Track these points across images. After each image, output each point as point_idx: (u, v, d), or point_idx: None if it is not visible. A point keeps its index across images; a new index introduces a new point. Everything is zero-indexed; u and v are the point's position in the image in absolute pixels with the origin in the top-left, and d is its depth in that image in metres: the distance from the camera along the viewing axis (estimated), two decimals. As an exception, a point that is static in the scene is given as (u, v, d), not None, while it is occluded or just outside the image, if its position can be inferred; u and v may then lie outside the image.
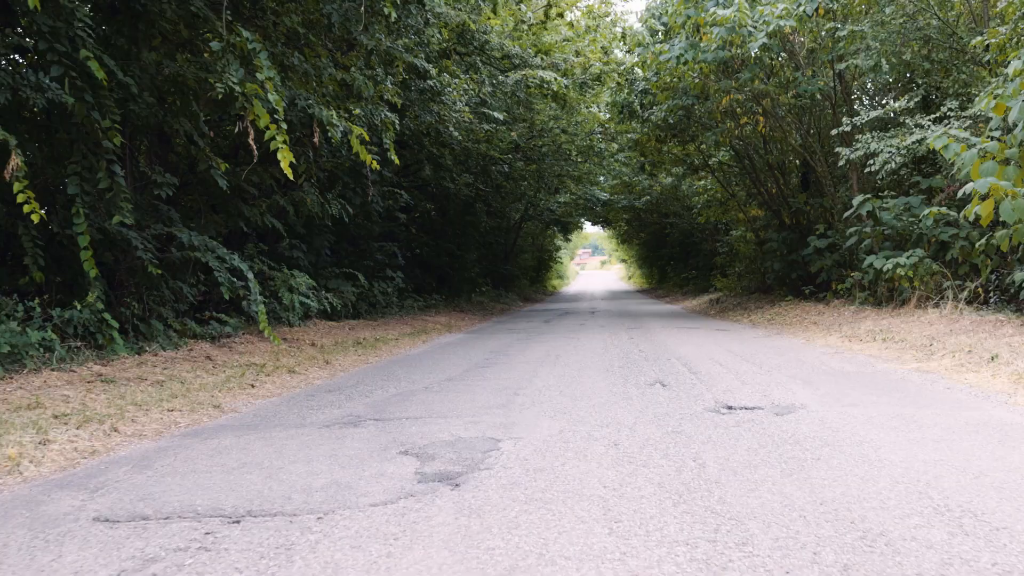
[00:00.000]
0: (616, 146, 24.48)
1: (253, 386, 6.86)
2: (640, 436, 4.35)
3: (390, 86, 10.00)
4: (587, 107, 20.82)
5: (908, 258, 10.28)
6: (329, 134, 8.28)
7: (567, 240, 59.04)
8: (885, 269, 10.40)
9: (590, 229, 71.76)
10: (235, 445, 4.44)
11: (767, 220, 20.57)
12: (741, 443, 4.14)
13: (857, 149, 10.74)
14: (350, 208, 11.66)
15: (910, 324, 9.77)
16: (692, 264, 35.64)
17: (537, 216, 36.86)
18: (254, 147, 6.90)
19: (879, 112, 10.71)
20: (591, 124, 21.45)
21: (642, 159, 24.34)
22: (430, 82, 11.54)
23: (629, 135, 20.98)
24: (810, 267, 14.92)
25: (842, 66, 11.33)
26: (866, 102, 13.85)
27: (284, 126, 6.48)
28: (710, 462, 3.75)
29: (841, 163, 11.18)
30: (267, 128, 6.70)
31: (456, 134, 12.98)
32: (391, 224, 17.65)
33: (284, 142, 6.65)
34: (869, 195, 11.34)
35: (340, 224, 14.80)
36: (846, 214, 11.76)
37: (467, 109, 12.38)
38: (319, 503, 3.19)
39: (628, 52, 16.95)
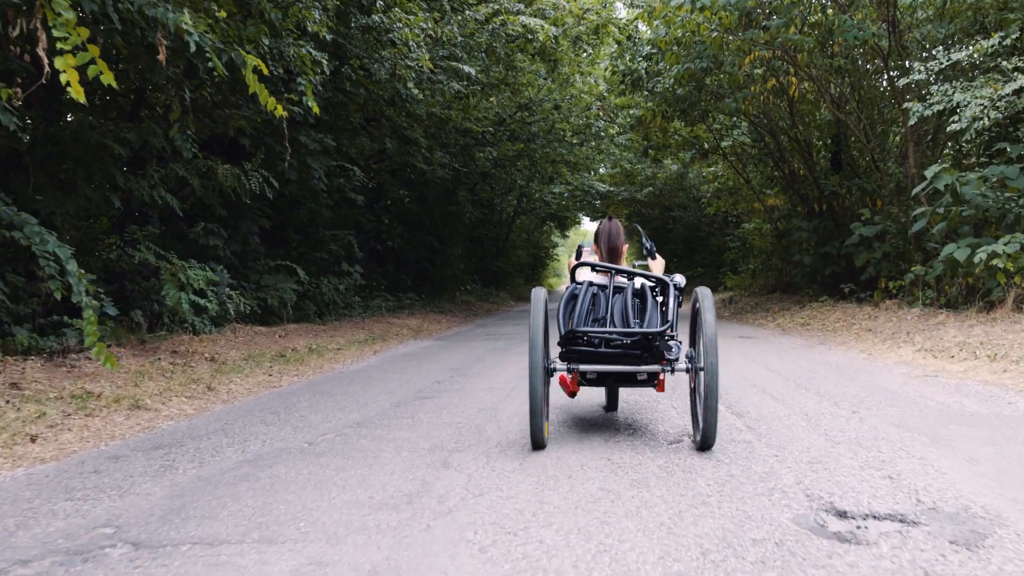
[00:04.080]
0: (616, 128, 21.83)
1: (34, 439, 4.27)
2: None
3: (317, 15, 7.40)
4: (583, 76, 18.12)
5: (1007, 245, 7.69)
6: (211, 62, 5.68)
7: (564, 236, 56.48)
8: (977, 260, 7.79)
9: (589, 225, 69.31)
10: None
11: (790, 208, 17.99)
12: None
13: (934, 103, 8.15)
14: (275, 182, 9.02)
15: (1021, 335, 7.18)
16: (698, 261, 33.09)
17: (531, 209, 34.30)
18: (45, 60, 4.32)
19: (962, 55, 8.12)
20: (587, 99, 18.73)
21: (645, 142, 21.74)
22: (375, 17, 8.88)
23: (631, 110, 18.35)
24: (854, 260, 12.29)
25: (906, 0, 8.73)
26: (930, 54, 11.28)
27: (72, 20, 3.88)
28: None
29: (911, 122, 8.61)
30: (69, 35, 4.10)
31: (416, 91, 10.36)
32: (353, 210, 15.04)
33: (85, 59, 4.06)
34: (947, 165, 8.74)
35: (282, 206, 12.20)
36: (915, 190, 9.15)
37: (426, 56, 9.75)
38: None
39: (631, 5, 14.31)
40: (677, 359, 3.81)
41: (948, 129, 8.14)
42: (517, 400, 5.40)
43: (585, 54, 16.28)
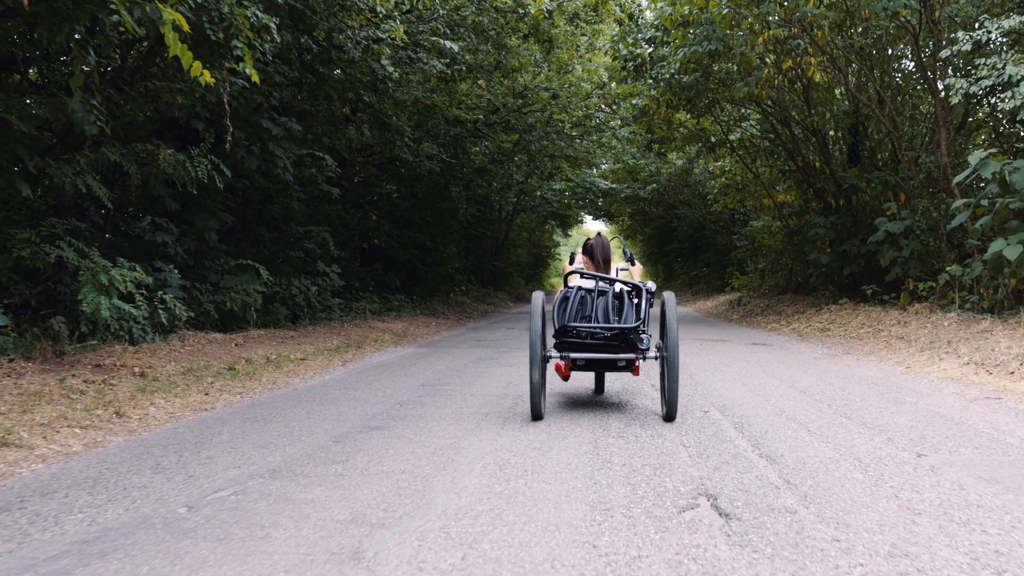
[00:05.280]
0: (618, 120, 20.69)
1: None
2: None
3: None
4: (581, 61, 16.95)
5: (1071, 241, 6.57)
6: (116, 15, 4.60)
7: (567, 236, 55.37)
8: (1034, 259, 6.67)
9: (591, 225, 68.32)
10: None
11: (803, 204, 16.86)
12: None
13: (982, 78, 7.04)
14: (227, 170, 7.91)
15: (1098, 347, 6.07)
16: (703, 260, 31.99)
17: (531, 207, 33.20)
18: None
19: (1015, 22, 6.98)
20: (587, 88, 17.59)
21: (649, 135, 20.63)
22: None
23: (634, 100, 17.22)
24: (876, 259, 11.16)
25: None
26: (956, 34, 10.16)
27: None
28: None
29: (954, 100, 7.52)
30: None
31: (392, 70, 9.24)
32: (335, 206, 13.94)
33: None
34: (994, 150, 7.62)
35: (252, 200, 11.11)
36: (957, 178, 8.04)
37: (400, 28, 8.61)
38: None
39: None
40: (648, 348, 4.74)
41: (999, 108, 7.03)
42: (486, 435, 4.30)
43: (584, 36, 15.13)
